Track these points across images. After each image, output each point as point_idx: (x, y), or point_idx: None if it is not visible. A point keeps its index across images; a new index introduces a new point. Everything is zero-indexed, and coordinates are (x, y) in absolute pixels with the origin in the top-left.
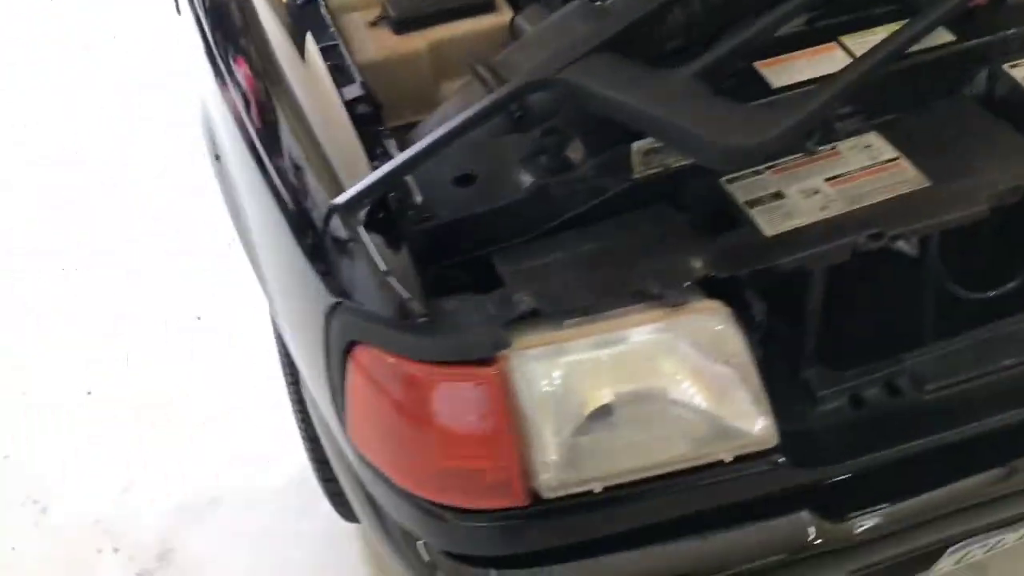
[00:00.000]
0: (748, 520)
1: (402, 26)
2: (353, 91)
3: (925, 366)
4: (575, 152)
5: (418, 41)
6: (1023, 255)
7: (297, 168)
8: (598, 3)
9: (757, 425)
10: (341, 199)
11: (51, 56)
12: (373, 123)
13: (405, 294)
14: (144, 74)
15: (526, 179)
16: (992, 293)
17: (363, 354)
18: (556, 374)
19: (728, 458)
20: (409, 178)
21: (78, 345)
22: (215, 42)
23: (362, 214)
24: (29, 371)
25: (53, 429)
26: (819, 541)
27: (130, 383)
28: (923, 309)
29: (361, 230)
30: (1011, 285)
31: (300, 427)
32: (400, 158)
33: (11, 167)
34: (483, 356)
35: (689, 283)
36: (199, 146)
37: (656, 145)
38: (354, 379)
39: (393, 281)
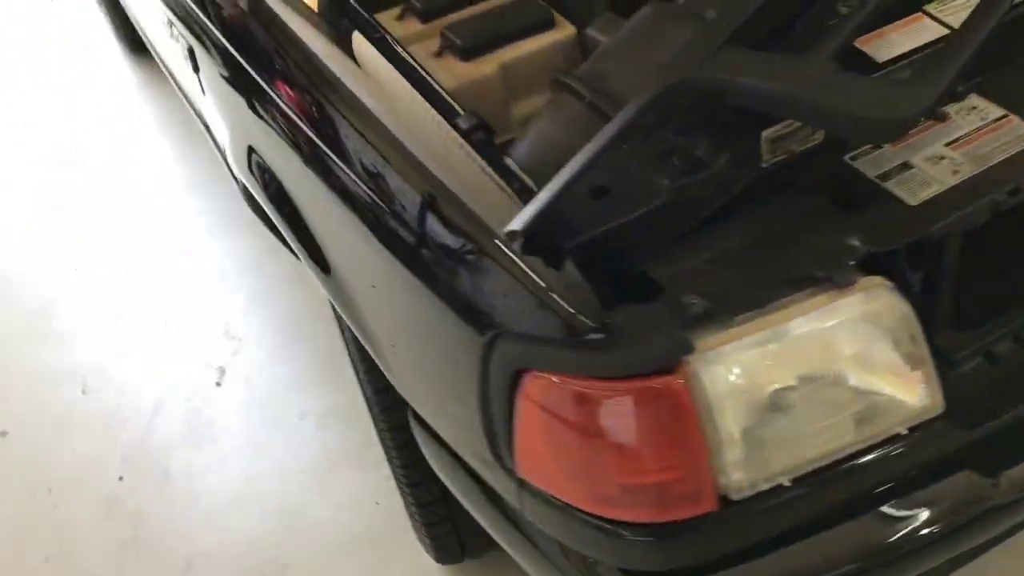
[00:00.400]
0: (917, 488)
1: (469, 53)
2: (467, 120)
3: None
4: (704, 150)
5: (488, 65)
6: None
7: (420, 210)
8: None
9: (928, 395)
10: (517, 224)
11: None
12: (492, 149)
13: (581, 311)
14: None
15: (663, 182)
16: None
17: (534, 382)
18: (736, 372)
19: (904, 431)
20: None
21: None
22: (300, 109)
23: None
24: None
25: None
26: (988, 499)
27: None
28: None
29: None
30: None
31: (399, 473)
32: (563, 176)
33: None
34: (668, 365)
35: (853, 262)
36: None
37: (784, 132)
38: (525, 409)
39: (565, 299)
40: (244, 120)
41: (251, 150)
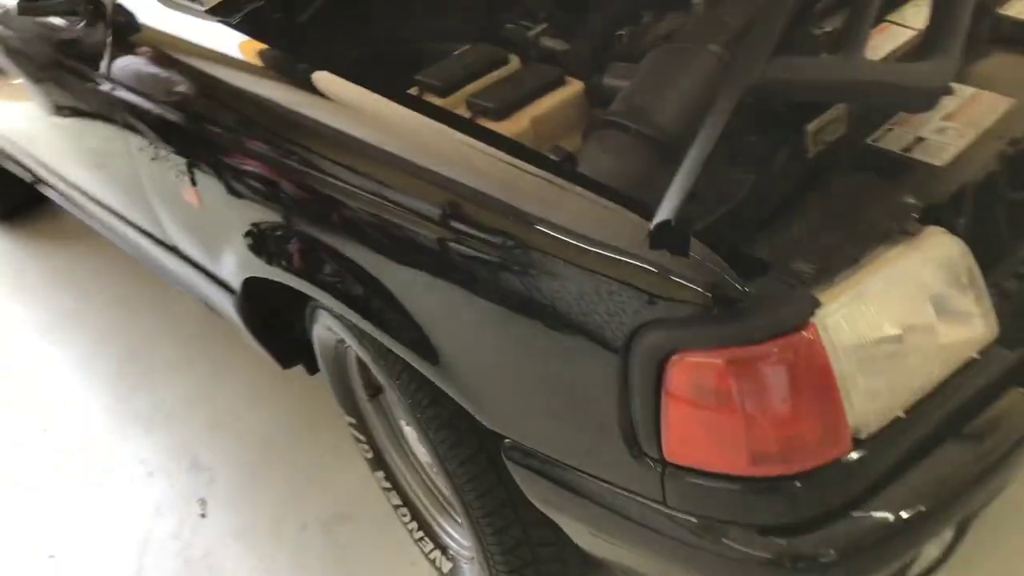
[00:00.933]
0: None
1: (502, 114)
2: (557, 153)
3: None
4: (765, 149)
5: (522, 121)
6: None
7: (531, 253)
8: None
9: (989, 323)
10: (666, 214)
11: None
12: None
13: (724, 286)
14: None
15: (745, 177)
16: None
17: (683, 363)
18: (851, 321)
19: (976, 356)
20: None
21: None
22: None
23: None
24: None
25: None
26: None
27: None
28: None
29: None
30: None
31: (482, 523)
32: (684, 176)
33: None
34: (802, 322)
35: (916, 215)
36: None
37: (824, 123)
38: (674, 392)
39: (708, 278)
40: (297, 219)
41: (307, 252)
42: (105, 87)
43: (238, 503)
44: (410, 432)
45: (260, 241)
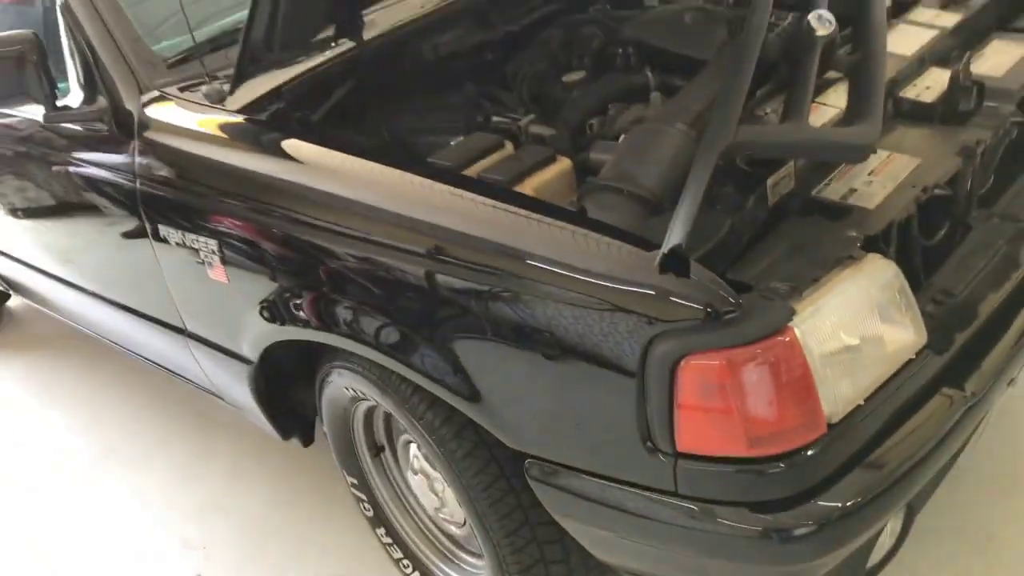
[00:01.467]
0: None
1: (511, 184)
2: (574, 204)
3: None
4: (736, 196)
5: (526, 190)
6: None
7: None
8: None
9: (920, 331)
10: (675, 241)
11: None
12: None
13: (723, 300)
14: None
15: (725, 220)
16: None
17: (692, 365)
18: (818, 327)
19: (913, 356)
20: None
21: None
22: None
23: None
24: None
25: None
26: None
27: None
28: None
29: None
30: None
31: (503, 544)
32: (682, 214)
33: None
34: (783, 326)
35: (860, 244)
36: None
37: (779, 179)
38: (685, 389)
39: (709, 294)
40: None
41: (350, 312)
42: (131, 185)
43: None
44: (416, 481)
45: (293, 306)
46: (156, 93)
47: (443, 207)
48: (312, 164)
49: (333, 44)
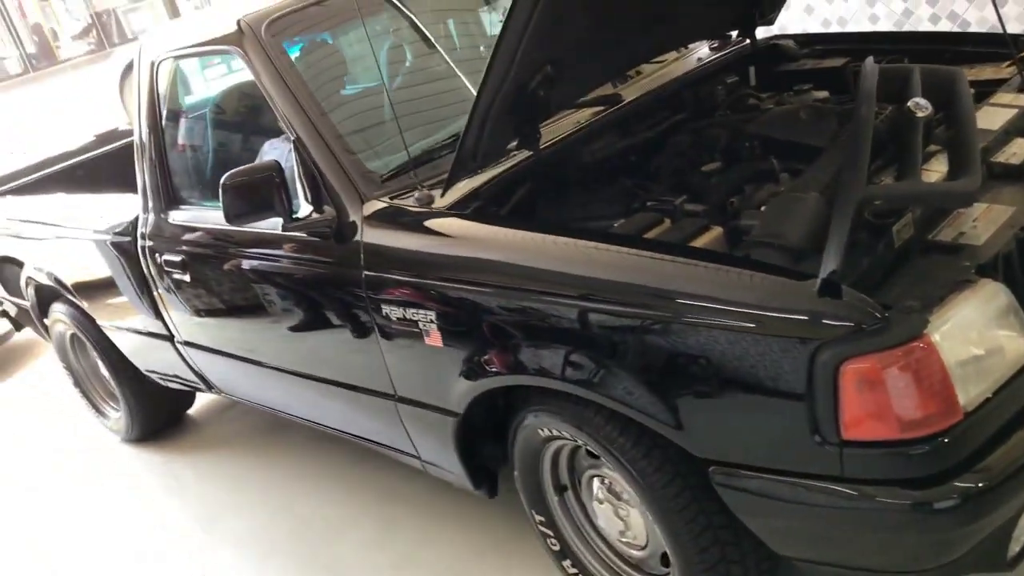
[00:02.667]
0: None
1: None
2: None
3: None
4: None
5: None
6: None
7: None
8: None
9: None
10: (832, 266)
11: None
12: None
13: (874, 313)
14: None
15: (862, 259)
16: None
17: (852, 366)
18: (948, 333)
19: None
20: None
21: None
22: None
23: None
24: None
25: None
26: None
27: None
28: None
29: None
30: None
31: (690, 546)
32: (833, 247)
33: None
34: (920, 333)
35: (973, 271)
36: None
37: (902, 225)
38: (847, 386)
39: (862, 308)
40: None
41: (567, 361)
42: (356, 275)
43: None
44: (601, 510)
45: (507, 359)
46: (375, 202)
47: (636, 267)
48: (508, 244)
49: (515, 153)
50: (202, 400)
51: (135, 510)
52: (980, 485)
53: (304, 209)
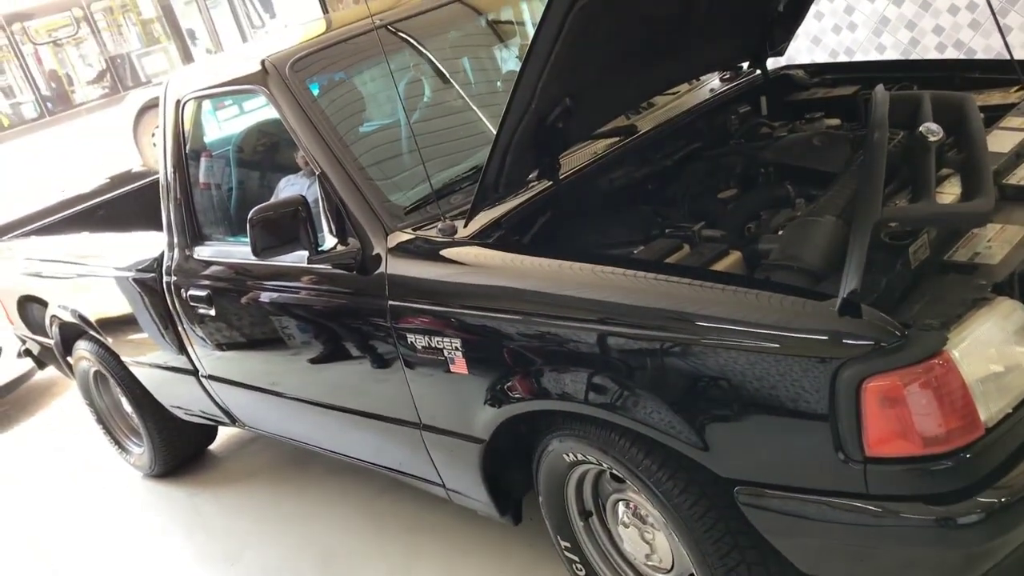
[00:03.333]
0: None
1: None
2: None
3: None
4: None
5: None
6: None
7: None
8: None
9: None
10: (853, 285)
11: None
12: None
13: (893, 332)
14: None
15: (880, 279)
16: None
17: (875, 383)
18: (967, 350)
19: None
20: None
21: None
22: None
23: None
24: None
25: None
26: None
27: None
28: None
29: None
30: None
31: (717, 565)
32: (853, 269)
33: None
34: (939, 349)
35: (990, 288)
36: None
37: (918, 247)
38: (869, 404)
39: (882, 327)
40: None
41: (593, 385)
42: (381, 305)
43: None
44: (627, 534)
45: (533, 385)
46: (399, 233)
47: (657, 291)
48: (530, 272)
49: (535, 183)
50: (224, 434)
51: (160, 545)
52: (1003, 500)
53: (329, 242)
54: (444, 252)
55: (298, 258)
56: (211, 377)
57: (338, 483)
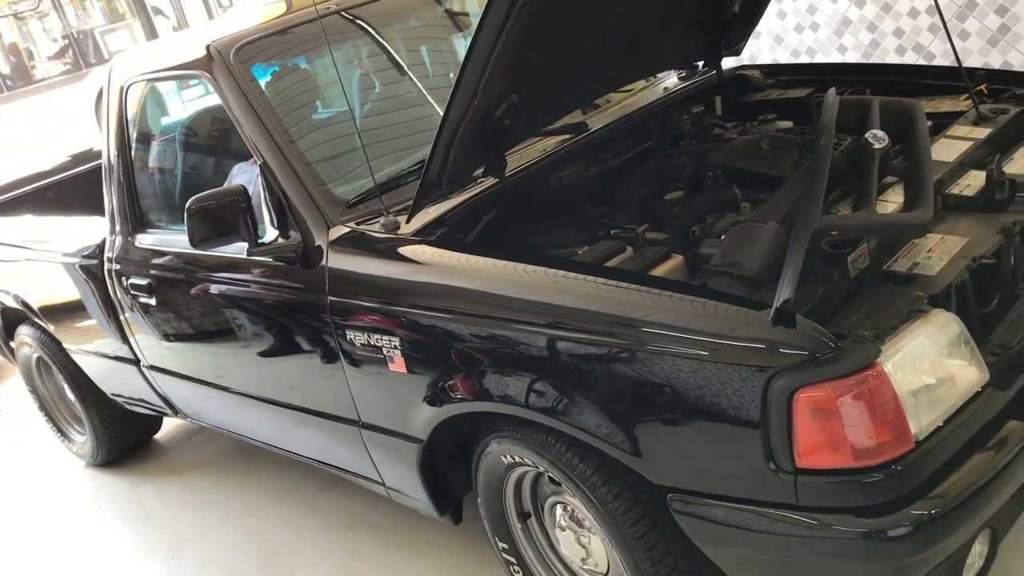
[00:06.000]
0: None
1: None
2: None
3: (1004, 336)
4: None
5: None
6: None
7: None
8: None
9: (982, 370)
10: (786, 295)
11: None
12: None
13: (827, 342)
14: None
15: (817, 289)
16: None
17: (805, 394)
18: (900, 362)
19: (979, 390)
20: None
21: None
22: None
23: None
24: None
25: None
26: None
27: None
28: None
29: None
30: None
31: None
32: (789, 278)
33: None
34: (872, 362)
35: (926, 301)
36: None
37: (857, 256)
38: (801, 415)
39: (816, 338)
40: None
41: (530, 390)
42: (321, 300)
43: None
44: (563, 537)
45: (470, 385)
46: (340, 227)
47: (598, 295)
48: (471, 271)
49: (481, 180)
50: (169, 424)
51: (100, 536)
52: (933, 512)
53: (270, 234)
54: (384, 248)
55: (239, 250)
56: (152, 367)
57: (284, 477)
